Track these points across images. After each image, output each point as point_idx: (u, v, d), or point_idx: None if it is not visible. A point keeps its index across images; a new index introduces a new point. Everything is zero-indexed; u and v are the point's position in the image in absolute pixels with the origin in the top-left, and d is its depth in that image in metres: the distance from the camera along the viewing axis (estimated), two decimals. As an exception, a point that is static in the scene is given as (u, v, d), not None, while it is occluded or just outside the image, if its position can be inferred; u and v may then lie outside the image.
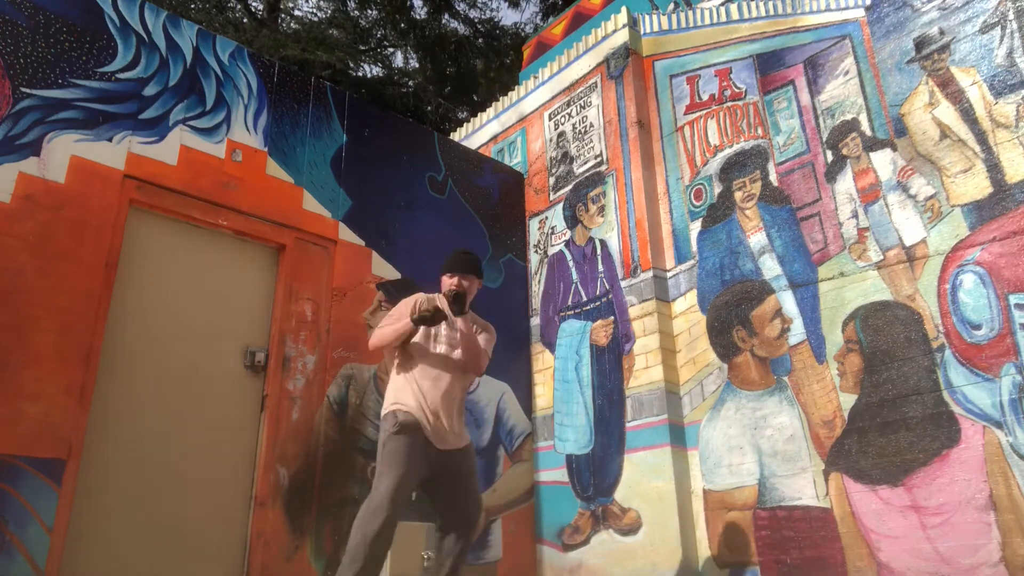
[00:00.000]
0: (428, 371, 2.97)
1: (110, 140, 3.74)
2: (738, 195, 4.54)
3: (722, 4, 5.04)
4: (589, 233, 5.23)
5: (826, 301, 3.95)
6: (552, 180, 5.69)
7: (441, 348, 3.02)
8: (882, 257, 3.80)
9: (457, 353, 3.01)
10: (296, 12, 13.29)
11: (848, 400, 3.73)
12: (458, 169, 5.44)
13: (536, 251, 5.64)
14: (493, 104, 6.70)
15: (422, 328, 3.01)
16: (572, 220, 5.40)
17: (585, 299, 5.08)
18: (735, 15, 4.90)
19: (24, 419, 3.13)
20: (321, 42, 11.74)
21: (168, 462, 3.59)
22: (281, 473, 3.87)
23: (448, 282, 3.06)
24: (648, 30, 5.46)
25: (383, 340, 3.00)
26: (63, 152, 3.56)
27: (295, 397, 4.04)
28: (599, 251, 5.11)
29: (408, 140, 5.18)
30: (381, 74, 13.26)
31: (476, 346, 3.02)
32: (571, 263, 5.29)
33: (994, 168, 3.51)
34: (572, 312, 5.14)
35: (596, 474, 4.61)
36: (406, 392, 2.95)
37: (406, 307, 3.06)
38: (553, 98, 5.92)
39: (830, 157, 4.16)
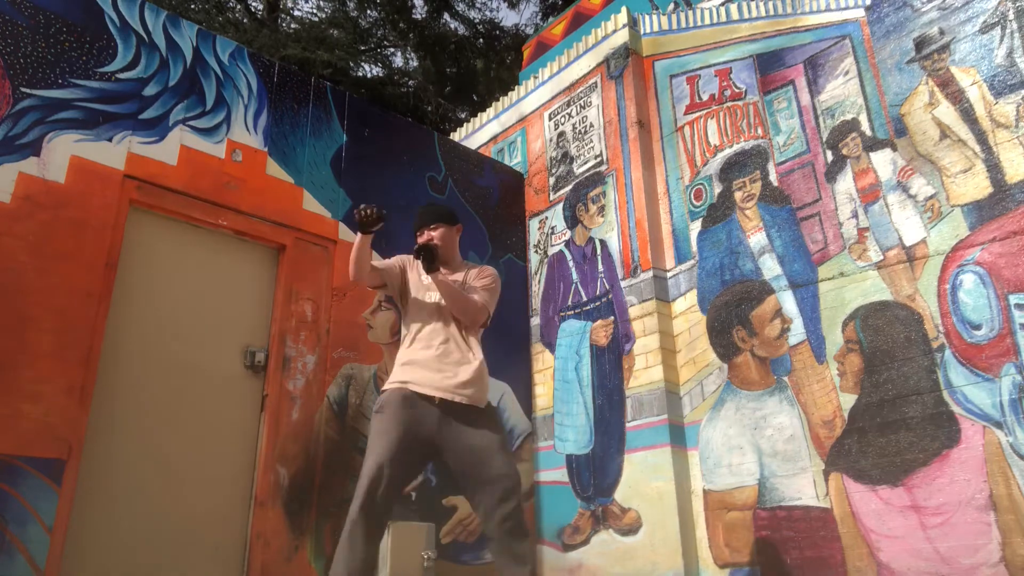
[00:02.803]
0: (423, 328, 2.80)
1: (110, 140, 3.74)
2: (738, 195, 4.54)
3: (722, 4, 5.03)
4: (589, 233, 5.23)
5: (826, 301, 3.95)
6: (552, 180, 5.68)
7: (431, 297, 2.84)
8: (882, 257, 3.80)
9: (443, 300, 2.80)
10: (296, 12, 13.29)
11: (848, 400, 3.73)
12: (458, 169, 5.44)
13: (536, 251, 5.64)
14: (493, 104, 6.70)
15: (417, 285, 2.88)
16: (572, 220, 5.40)
17: (585, 299, 5.08)
18: (735, 15, 4.89)
19: (24, 419, 3.13)
20: (321, 42, 11.75)
21: (168, 462, 3.58)
22: (281, 473, 3.87)
23: (419, 241, 2.91)
24: (648, 30, 5.46)
25: (351, 263, 2.82)
26: (63, 152, 3.56)
27: (295, 397, 4.04)
28: (599, 251, 5.10)
29: (408, 140, 5.18)
30: (381, 74, 13.26)
31: (458, 296, 2.79)
32: (571, 263, 5.29)
33: (994, 168, 3.51)
34: (572, 312, 5.14)
35: (596, 474, 4.61)
36: (395, 367, 2.79)
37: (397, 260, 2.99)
38: (553, 98, 5.92)
39: (830, 157, 4.16)
